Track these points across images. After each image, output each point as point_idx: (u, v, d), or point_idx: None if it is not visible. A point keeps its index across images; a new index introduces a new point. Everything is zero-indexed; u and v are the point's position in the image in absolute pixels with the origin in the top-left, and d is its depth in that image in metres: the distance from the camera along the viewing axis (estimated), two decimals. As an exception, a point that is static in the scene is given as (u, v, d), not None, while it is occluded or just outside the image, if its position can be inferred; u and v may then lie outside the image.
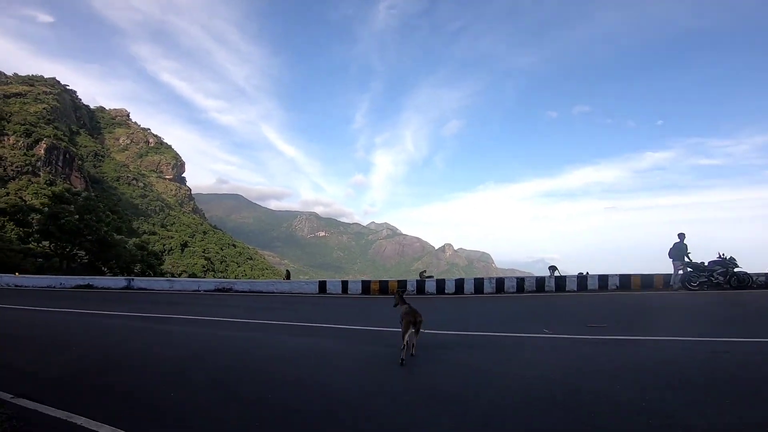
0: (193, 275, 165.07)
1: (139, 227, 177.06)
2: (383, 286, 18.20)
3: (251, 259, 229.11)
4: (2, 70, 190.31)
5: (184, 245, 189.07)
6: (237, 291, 18.02)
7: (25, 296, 15.46)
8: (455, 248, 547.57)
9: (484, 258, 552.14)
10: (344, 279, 19.85)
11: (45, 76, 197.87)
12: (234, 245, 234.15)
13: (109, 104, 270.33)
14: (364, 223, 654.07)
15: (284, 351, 7.26)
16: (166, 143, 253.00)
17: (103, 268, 31.68)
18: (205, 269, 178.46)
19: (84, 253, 28.24)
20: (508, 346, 7.63)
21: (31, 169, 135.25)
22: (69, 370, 6.01)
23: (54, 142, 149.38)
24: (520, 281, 17.64)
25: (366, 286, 18.37)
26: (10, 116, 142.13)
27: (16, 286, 17.75)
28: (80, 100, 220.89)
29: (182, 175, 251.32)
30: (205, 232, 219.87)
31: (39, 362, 6.49)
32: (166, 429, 3.94)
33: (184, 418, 4.11)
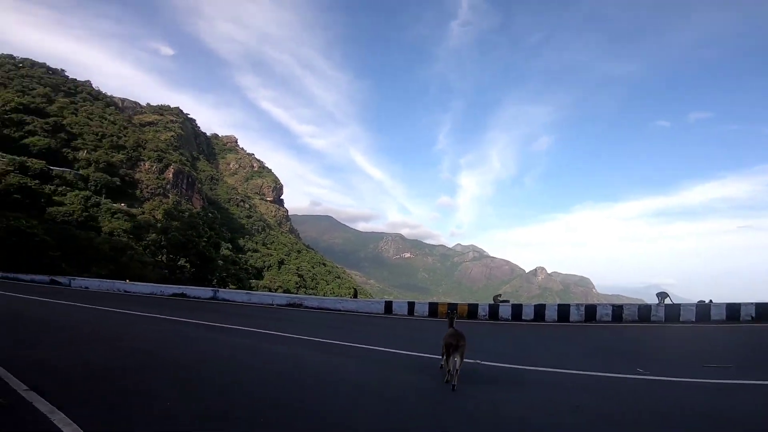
0: (287, 290, 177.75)
1: (245, 245, 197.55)
2: (453, 310, 16.91)
3: (339, 277, 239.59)
4: (138, 100, 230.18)
5: (281, 262, 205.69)
6: (306, 307, 18.31)
7: (123, 300, 17.69)
8: (549, 272, 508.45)
9: (583, 282, 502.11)
10: (411, 300, 18.97)
11: (171, 106, 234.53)
12: (324, 264, 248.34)
13: (222, 131, 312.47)
14: (450, 245, 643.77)
15: (320, 374, 6.64)
16: (268, 167, 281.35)
17: (209, 277, 35.21)
18: (298, 285, 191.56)
19: (189, 265, 32.14)
20: (578, 388, 6.04)
21: (162, 191, 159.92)
22: (95, 368, 6.17)
23: (180, 167, 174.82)
24: (617, 309, 14.87)
25: (433, 308, 17.24)
26: (145, 143, 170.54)
27: (125, 291, 20.49)
28: (199, 127, 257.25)
29: (281, 198, 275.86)
30: (299, 251, 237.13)
31: (75, 359, 6.78)
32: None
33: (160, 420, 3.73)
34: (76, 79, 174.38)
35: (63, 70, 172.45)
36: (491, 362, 7.57)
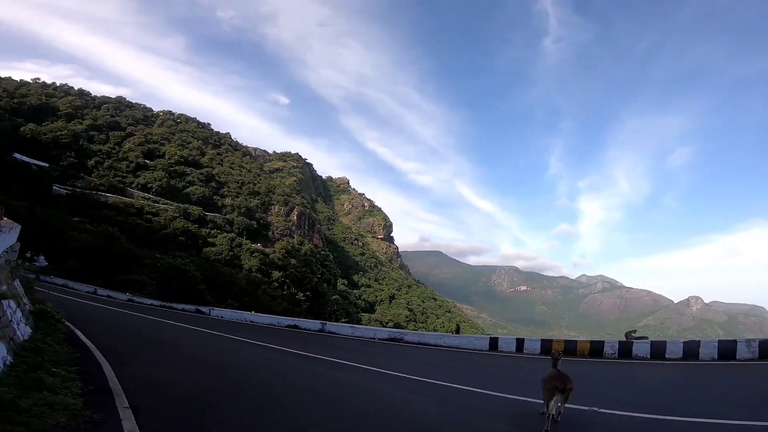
0: (397, 324, 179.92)
1: (359, 280, 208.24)
2: (571, 347, 14.53)
3: (449, 312, 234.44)
4: (265, 149, 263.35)
5: (392, 297, 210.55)
6: (407, 342, 17.85)
7: (244, 329, 19.56)
8: (706, 301, 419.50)
9: (756, 312, 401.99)
10: (520, 337, 17.02)
11: (291, 152, 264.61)
12: (434, 298, 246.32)
13: (335, 173, 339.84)
14: (573, 276, 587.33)
15: (395, 414, 6.09)
16: (378, 206, 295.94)
17: (321, 310, 37.33)
18: (408, 319, 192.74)
19: (305, 299, 34.79)
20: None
21: (288, 232, 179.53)
22: (194, 390, 6.59)
23: (302, 209, 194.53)
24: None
25: (546, 346, 15.09)
26: (274, 189, 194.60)
27: (251, 321, 22.90)
28: (315, 171, 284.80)
29: (391, 235, 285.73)
30: (409, 286, 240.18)
31: (181, 379, 7.36)
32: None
33: None
34: (219, 132, 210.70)
35: (209, 124, 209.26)
36: (612, 410, 6.03)
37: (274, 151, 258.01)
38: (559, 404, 5.33)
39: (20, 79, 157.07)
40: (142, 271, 33.21)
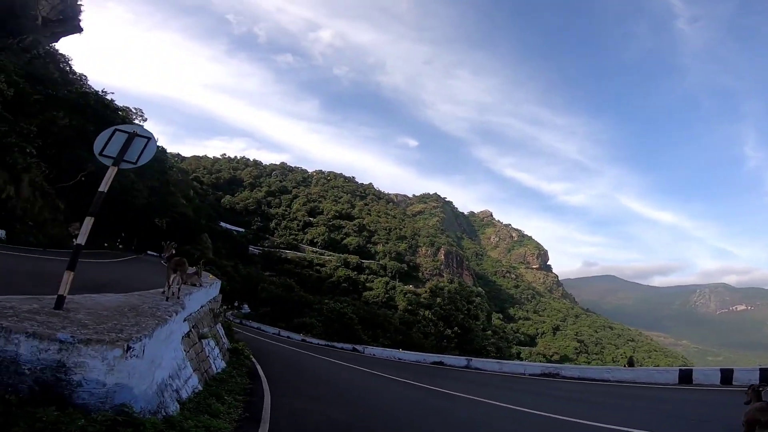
0: (564, 357, 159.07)
1: (515, 314, 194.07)
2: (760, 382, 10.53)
3: (633, 341, 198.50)
4: (405, 193, 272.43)
5: (556, 329, 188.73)
6: (564, 377, 15.63)
7: (390, 366, 19.76)
8: None
9: None
10: (727, 367, 13.19)
11: (430, 192, 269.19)
12: (611, 327, 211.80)
13: (476, 208, 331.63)
14: None
15: None
16: (527, 235, 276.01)
17: (476, 346, 35.58)
18: (577, 351, 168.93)
19: (453, 335, 34.16)
20: None
21: (437, 271, 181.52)
22: (328, 423, 7.05)
23: (448, 248, 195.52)
24: None
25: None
26: (419, 231, 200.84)
27: (399, 359, 23.53)
28: (456, 208, 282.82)
29: (547, 263, 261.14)
30: (576, 316, 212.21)
31: (320, 412, 8.01)
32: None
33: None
34: (363, 183, 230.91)
35: (353, 177, 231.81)
36: None
37: (414, 194, 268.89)
38: None
39: (213, 156, 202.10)
40: (312, 315, 38.45)
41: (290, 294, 46.93)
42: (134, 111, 72.78)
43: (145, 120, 74.26)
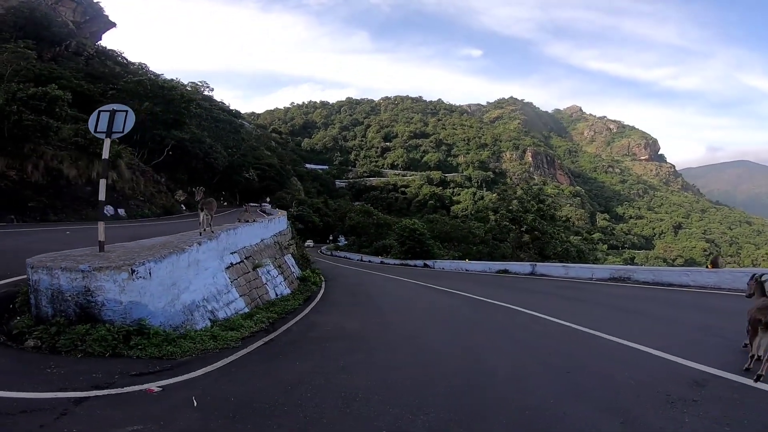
0: (691, 260, 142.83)
1: (624, 213, 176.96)
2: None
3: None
4: (478, 102, 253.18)
5: (678, 227, 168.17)
6: (636, 281, 14.37)
7: (449, 278, 19.96)
8: None
9: None
10: None
11: (505, 97, 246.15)
12: (748, 222, 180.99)
13: (562, 105, 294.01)
14: None
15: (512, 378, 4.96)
16: (629, 125, 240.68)
17: (552, 252, 33.29)
18: (707, 253, 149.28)
19: (529, 240, 33.01)
20: None
21: (527, 175, 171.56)
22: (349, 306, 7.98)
23: (535, 149, 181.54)
24: None
25: None
26: (500, 136, 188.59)
27: (466, 270, 23.82)
28: (538, 108, 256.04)
29: (659, 153, 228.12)
30: (703, 211, 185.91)
31: (350, 304, 9.06)
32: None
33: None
34: (432, 101, 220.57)
35: (420, 97, 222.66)
36: None
37: (488, 102, 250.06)
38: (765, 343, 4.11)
39: (284, 107, 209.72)
40: (390, 236, 40.41)
41: (370, 219, 49.45)
42: (200, 84, 78.08)
43: (212, 90, 79.36)
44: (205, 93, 78.25)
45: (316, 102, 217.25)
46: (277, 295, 12.94)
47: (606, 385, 4.35)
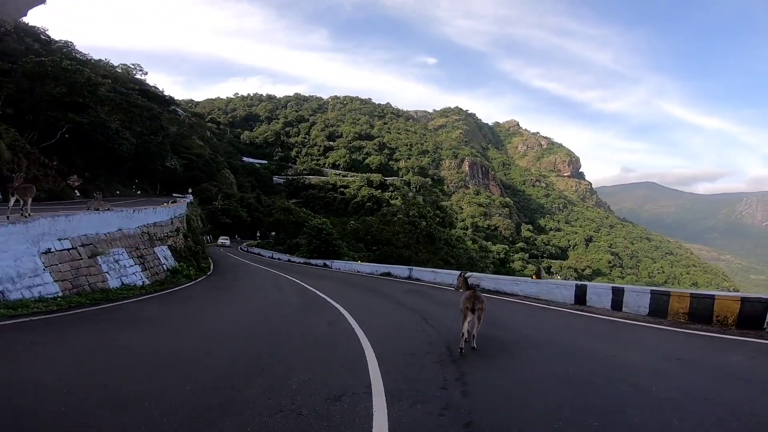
0: (597, 271, 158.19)
1: (546, 225, 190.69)
2: (704, 307, 8.72)
3: (671, 254, 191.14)
4: (425, 109, 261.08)
5: (589, 240, 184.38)
6: (483, 288, 15.42)
7: (329, 278, 21.15)
8: None
9: None
10: (618, 285, 11.28)
11: (451, 107, 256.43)
12: (648, 239, 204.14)
13: (502, 118, 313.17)
14: None
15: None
16: (557, 143, 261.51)
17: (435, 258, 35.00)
18: (611, 265, 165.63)
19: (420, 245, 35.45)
20: None
21: (463, 183, 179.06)
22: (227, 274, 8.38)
23: (472, 159, 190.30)
24: None
25: (661, 303, 9.41)
26: (441, 144, 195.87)
27: (357, 271, 24.59)
28: (480, 120, 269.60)
29: (580, 171, 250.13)
30: (611, 226, 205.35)
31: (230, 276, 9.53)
32: None
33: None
34: (380, 104, 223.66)
35: (370, 99, 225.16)
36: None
37: (434, 110, 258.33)
38: (474, 320, 5.81)
39: (227, 97, 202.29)
40: (301, 235, 40.35)
41: (289, 216, 49.03)
42: (132, 66, 75.92)
43: (146, 73, 77.55)
44: (137, 76, 75.54)
45: (262, 95, 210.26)
46: (123, 284, 12.89)
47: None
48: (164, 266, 17.27)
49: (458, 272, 18.44)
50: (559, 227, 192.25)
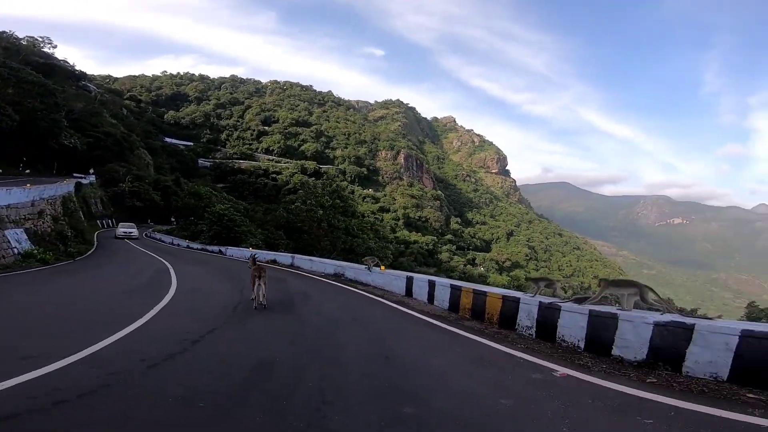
0: (516, 263, 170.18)
1: (473, 218, 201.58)
2: (479, 304, 8.75)
3: (578, 248, 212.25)
4: (367, 100, 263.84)
5: (510, 234, 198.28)
6: (346, 279, 16.78)
7: (195, 259, 22.27)
8: None
9: None
10: (432, 277, 11.61)
11: (393, 99, 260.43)
12: (560, 234, 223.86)
13: (440, 114, 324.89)
14: (748, 206, 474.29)
15: None
16: (489, 141, 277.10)
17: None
18: (528, 257, 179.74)
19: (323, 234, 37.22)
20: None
21: (397, 175, 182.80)
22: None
23: (408, 151, 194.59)
24: None
25: (454, 297, 9.64)
26: (379, 135, 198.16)
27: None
28: (420, 114, 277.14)
29: (506, 168, 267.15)
30: (530, 222, 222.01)
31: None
32: None
33: None
34: (321, 92, 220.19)
35: (311, 86, 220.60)
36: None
37: (376, 101, 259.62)
38: (262, 286, 8.30)
39: (152, 74, 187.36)
40: (204, 221, 38.86)
41: (198, 202, 47.25)
42: (40, 39, 71.29)
43: (54, 47, 73.96)
44: (45, 49, 71.38)
45: (194, 74, 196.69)
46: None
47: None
48: (15, 249, 16.56)
49: (331, 261, 20.07)
50: (484, 221, 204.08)
